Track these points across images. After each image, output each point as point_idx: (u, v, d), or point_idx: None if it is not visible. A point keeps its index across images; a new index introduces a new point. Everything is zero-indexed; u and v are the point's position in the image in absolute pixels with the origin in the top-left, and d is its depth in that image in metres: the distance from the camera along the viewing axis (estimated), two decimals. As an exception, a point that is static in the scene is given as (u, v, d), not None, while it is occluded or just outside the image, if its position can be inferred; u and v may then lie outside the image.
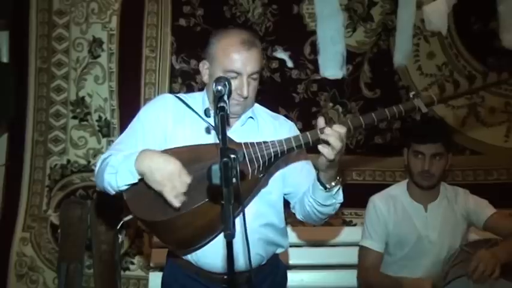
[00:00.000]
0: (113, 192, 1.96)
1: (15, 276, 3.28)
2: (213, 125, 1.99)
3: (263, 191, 2.05)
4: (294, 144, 1.88)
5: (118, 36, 3.27)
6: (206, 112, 1.76)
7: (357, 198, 2.88)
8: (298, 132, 1.97)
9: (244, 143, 1.92)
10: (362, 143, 3.36)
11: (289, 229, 2.97)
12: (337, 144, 1.77)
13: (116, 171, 1.89)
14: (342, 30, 3.30)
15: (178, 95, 2.12)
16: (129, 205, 1.92)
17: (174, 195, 1.75)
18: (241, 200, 1.91)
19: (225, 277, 2.04)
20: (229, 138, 1.97)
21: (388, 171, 3.36)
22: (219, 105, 1.74)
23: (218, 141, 1.96)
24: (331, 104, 3.37)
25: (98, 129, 3.32)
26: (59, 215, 3.25)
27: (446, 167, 2.63)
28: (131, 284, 3.29)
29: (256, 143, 1.91)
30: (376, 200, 2.75)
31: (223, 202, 1.51)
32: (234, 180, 1.50)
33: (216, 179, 1.49)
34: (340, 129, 1.79)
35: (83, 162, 3.34)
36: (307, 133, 1.88)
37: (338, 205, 2.01)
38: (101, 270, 3.16)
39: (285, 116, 3.31)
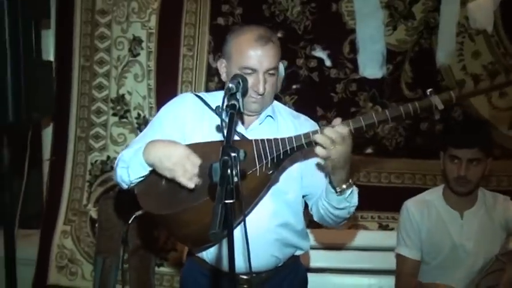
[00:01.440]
0: (126, 187, 2.01)
1: (56, 267, 3.38)
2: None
3: (280, 190, 2.03)
4: (303, 141, 1.86)
5: (157, 34, 3.31)
6: (217, 110, 1.74)
7: (395, 202, 2.80)
8: None
9: (255, 140, 1.92)
10: (402, 144, 3.26)
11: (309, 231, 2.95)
12: (324, 142, 1.76)
13: (128, 165, 1.94)
14: (382, 29, 3.21)
15: (199, 93, 2.13)
16: (139, 199, 1.96)
17: (187, 178, 1.76)
18: (247, 199, 1.92)
19: (240, 277, 2.04)
20: (242, 136, 1.98)
21: (429, 175, 3.25)
22: (229, 103, 1.74)
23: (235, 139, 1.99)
24: (370, 104, 3.29)
25: (136, 127, 3.37)
26: (97, 209, 3.33)
27: (484, 172, 2.49)
28: (165, 280, 3.32)
29: (267, 139, 1.90)
30: (410, 205, 2.65)
31: (226, 201, 1.51)
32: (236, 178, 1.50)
33: (217, 177, 1.48)
34: (340, 129, 1.77)
35: (123, 158, 3.39)
36: (318, 131, 1.84)
37: (353, 208, 1.96)
38: (136, 265, 3.22)
39: (323, 116, 3.32)
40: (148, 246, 3.24)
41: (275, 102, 2.17)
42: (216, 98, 2.08)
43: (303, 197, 2.12)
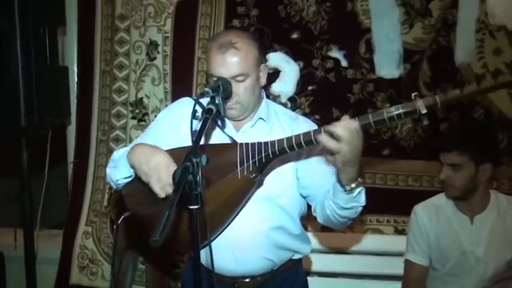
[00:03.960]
0: (114, 187, 2.07)
1: (78, 267, 3.47)
2: (223, 129, 2.01)
3: (272, 194, 2.01)
4: (285, 145, 1.83)
5: (172, 38, 3.33)
6: (194, 114, 1.74)
7: (412, 205, 2.69)
8: None
9: (239, 143, 1.92)
10: (420, 146, 3.15)
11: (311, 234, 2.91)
12: (344, 133, 1.67)
13: (116, 165, 1.98)
14: (398, 27, 3.10)
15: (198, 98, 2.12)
16: (125, 199, 2.00)
17: (160, 186, 1.76)
18: (228, 202, 1.90)
19: (235, 280, 2.05)
20: (232, 138, 1.97)
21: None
22: (207, 107, 1.74)
23: (222, 143, 1.98)
24: (388, 105, 3.18)
25: (154, 130, 3.41)
26: (116, 211, 3.39)
27: (474, 178, 2.38)
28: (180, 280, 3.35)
29: (251, 143, 1.89)
30: (419, 210, 2.57)
31: (190, 207, 1.51)
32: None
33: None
34: (351, 122, 1.71)
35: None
36: (303, 133, 1.81)
37: (360, 208, 1.90)
38: (152, 267, 3.25)
39: (338, 117, 3.23)
40: (165, 248, 3.27)
41: (272, 103, 2.15)
42: None
43: (305, 198, 2.08)
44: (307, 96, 3.27)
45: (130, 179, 1.98)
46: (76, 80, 3.49)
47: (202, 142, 1.99)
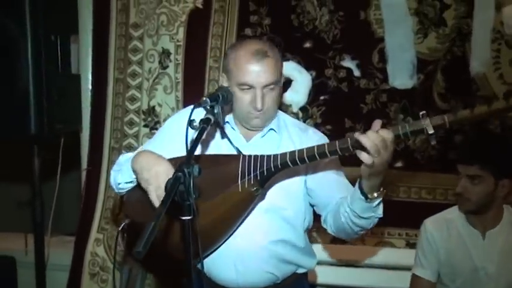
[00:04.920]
0: (116, 191, 2.07)
1: (88, 274, 3.47)
2: (229, 137, 2.00)
3: (277, 206, 1.99)
4: (288, 159, 1.81)
5: (184, 47, 3.33)
6: (191, 124, 1.72)
7: (425, 218, 2.64)
8: None
9: (243, 155, 1.91)
10: (434, 158, 3.09)
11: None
12: (373, 148, 1.62)
13: (120, 168, 1.98)
14: (412, 37, 3.06)
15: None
16: (125, 206, 1.99)
17: (157, 194, 1.75)
18: (228, 215, 1.89)
19: None
20: (237, 149, 1.95)
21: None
22: (205, 117, 1.72)
23: (226, 154, 1.97)
24: (401, 116, 3.14)
25: (165, 138, 3.41)
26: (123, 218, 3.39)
27: (491, 192, 2.31)
28: (189, 291, 3.33)
29: (254, 156, 1.88)
30: (428, 224, 2.50)
31: (182, 218, 1.50)
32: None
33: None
34: (386, 134, 1.64)
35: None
36: (306, 148, 1.79)
37: (376, 220, 1.86)
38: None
39: (351, 128, 3.21)
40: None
41: (282, 114, 2.14)
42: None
43: (314, 207, 2.05)
44: (319, 106, 3.23)
45: (132, 185, 1.97)
46: (90, 87, 3.51)
47: (209, 152, 2.01)
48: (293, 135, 2.06)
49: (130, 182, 1.95)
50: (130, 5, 3.42)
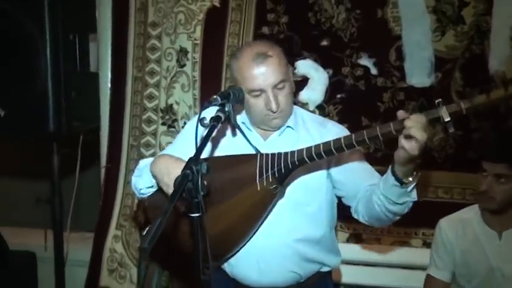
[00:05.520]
0: (138, 196, 2.08)
1: (107, 270, 3.52)
2: (248, 138, 2.00)
3: (299, 202, 1.98)
4: (304, 155, 1.80)
5: (201, 45, 3.35)
6: (201, 121, 1.73)
7: (442, 218, 2.62)
8: None
9: (260, 154, 1.90)
10: (451, 157, 3.05)
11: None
12: (421, 135, 1.59)
13: (140, 174, 2.00)
14: (430, 35, 3.02)
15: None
16: (147, 210, 2.00)
17: None
18: (247, 214, 1.89)
19: None
20: (255, 149, 1.97)
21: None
22: (215, 115, 1.73)
23: (244, 153, 1.97)
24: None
25: (183, 136, 3.43)
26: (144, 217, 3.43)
27: None
28: (205, 287, 3.35)
29: (272, 154, 1.88)
30: (443, 224, 2.48)
31: (191, 215, 1.51)
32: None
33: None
34: (420, 118, 1.62)
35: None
36: (323, 143, 1.78)
37: (411, 203, 1.83)
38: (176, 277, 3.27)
39: (367, 126, 3.18)
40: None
41: (299, 109, 2.13)
42: (242, 111, 2.07)
43: (342, 199, 2.03)
44: (335, 105, 3.22)
45: (153, 189, 2.00)
46: (109, 85, 3.54)
47: (226, 153, 2.01)
48: (312, 131, 2.04)
49: (151, 186, 1.97)
50: (148, 4, 3.45)
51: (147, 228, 2.10)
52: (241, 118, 2.04)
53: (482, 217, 2.41)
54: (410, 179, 1.72)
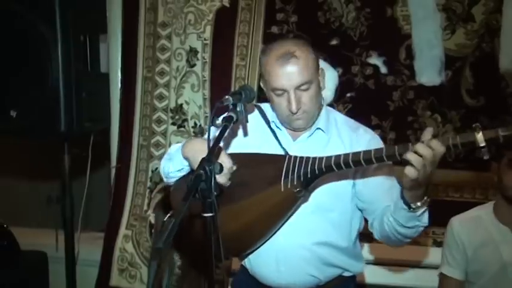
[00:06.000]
0: (165, 180, 2.10)
1: (117, 270, 3.54)
2: (277, 136, 2.00)
3: (324, 207, 1.95)
4: (332, 163, 1.76)
5: (211, 45, 3.35)
6: (213, 121, 1.73)
7: (453, 216, 2.62)
8: (376, 146, 1.81)
9: (288, 156, 1.89)
10: (462, 156, 3.04)
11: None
12: (419, 163, 1.56)
13: (171, 157, 2.02)
14: (440, 33, 3.02)
15: (261, 104, 2.12)
16: (171, 195, 2.02)
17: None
18: (265, 214, 1.89)
19: None
20: (284, 150, 1.96)
21: (491, 189, 2.98)
22: (227, 115, 1.74)
23: (276, 153, 1.96)
24: (429, 113, 3.12)
25: (193, 135, 3.44)
26: (154, 215, 3.44)
27: None
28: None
29: (300, 157, 1.86)
30: (455, 223, 2.48)
31: (204, 215, 1.51)
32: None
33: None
34: (437, 147, 1.57)
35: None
36: (352, 153, 1.74)
37: (422, 228, 1.79)
38: (188, 272, 3.28)
39: (377, 125, 3.19)
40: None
41: (333, 112, 2.09)
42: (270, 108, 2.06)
43: (362, 211, 1.99)
44: (345, 103, 3.22)
45: (182, 173, 1.99)
46: (119, 86, 3.56)
47: (257, 150, 1.98)
48: (342, 134, 2.00)
49: (181, 169, 1.96)
50: (158, 4, 3.46)
51: (169, 214, 2.09)
52: (272, 116, 2.03)
53: (495, 214, 2.41)
54: (419, 204, 1.69)
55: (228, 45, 3.34)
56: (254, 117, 2.05)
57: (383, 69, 3.17)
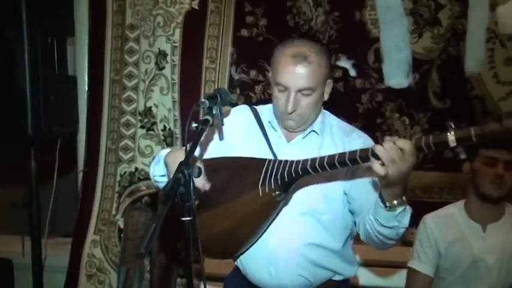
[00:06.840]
0: (154, 184, 2.11)
1: (85, 276, 3.48)
2: (269, 138, 1.99)
3: (315, 209, 1.95)
4: (308, 166, 1.76)
5: (180, 48, 3.34)
6: (190, 125, 1.72)
7: (421, 217, 2.65)
8: None
9: (269, 160, 1.89)
10: (430, 157, 3.11)
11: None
12: (386, 158, 1.57)
13: (159, 161, 2.00)
14: (407, 36, 3.08)
15: (256, 106, 2.11)
16: (159, 199, 2.00)
17: None
18: (250, 219, 1.89)
19: None
20: (274, 154, 1.95)
21: (459, 189, 3.04)
22: (203, 118, 1.73)
23: (267, 157, 1.95)
24: (397, 115, 3.17)
25: (162, 139, 3.42)
26: (124, 220, 3.40)
27: None
28: (187, 292, 3.33)
29: (279, 160, 1.87)
30: (428, 220, 2.53)
31: (183, 219, 1.51)
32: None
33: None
34: (403, 144, 1.58)
35: (149, 170, 3.44)
36: (328, 156, 1.74)
37: (402, 230, 1.78)
38: (158, 277, 3.25)
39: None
40: (171, 258, 3.27)
41: (329, 116, 2.09)
42: (266, 110, 2.06)
43: (352, 213, 1.99)
44: (315, 106, 3.24)
45: (165, 179, 1.97)
46: (86, 89, 3.51)
47: (243, 154, 1.98)
48: (336, 138, 2.00)
49: (164, 175, 1.95)
50: (126, 6, 3.43)
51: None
52: (268, 117, 2.03)
53: (466, 211, 2.47)
54: (395, 202, 1.69)
55: (198, 48, 3.32)
56: (247, 120, 2.05)
57: (352, 72, 3.20)
